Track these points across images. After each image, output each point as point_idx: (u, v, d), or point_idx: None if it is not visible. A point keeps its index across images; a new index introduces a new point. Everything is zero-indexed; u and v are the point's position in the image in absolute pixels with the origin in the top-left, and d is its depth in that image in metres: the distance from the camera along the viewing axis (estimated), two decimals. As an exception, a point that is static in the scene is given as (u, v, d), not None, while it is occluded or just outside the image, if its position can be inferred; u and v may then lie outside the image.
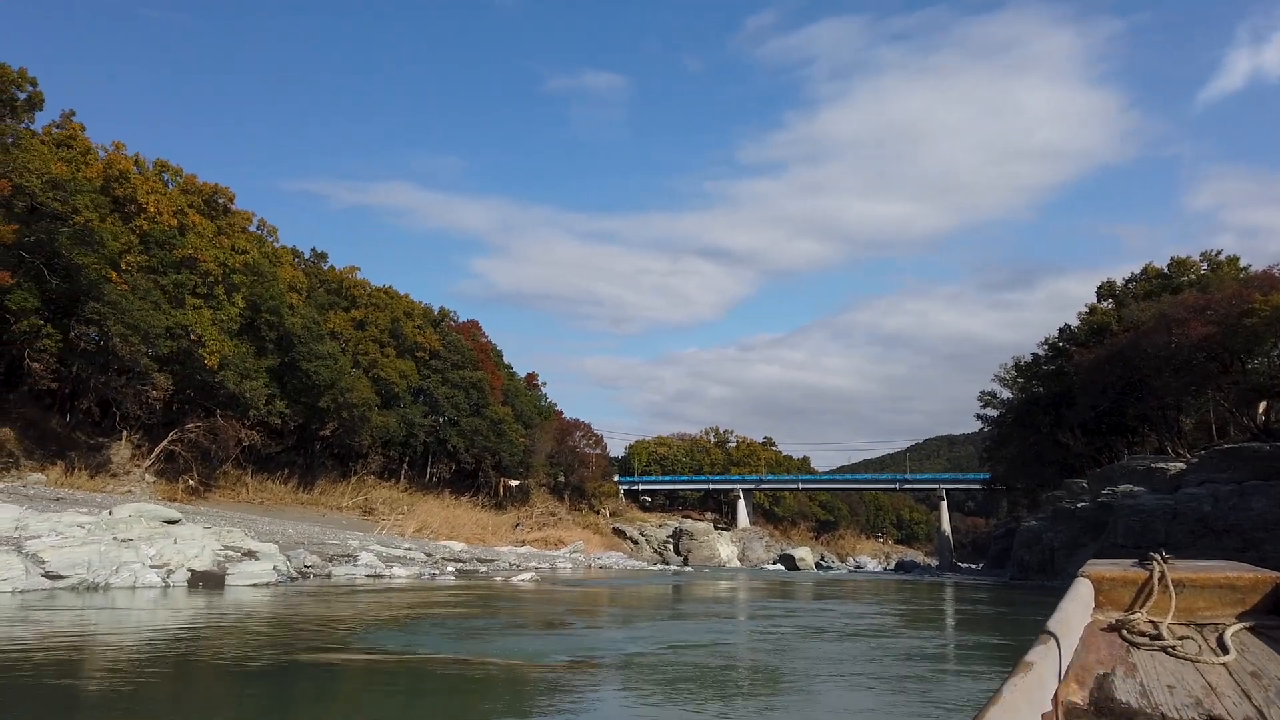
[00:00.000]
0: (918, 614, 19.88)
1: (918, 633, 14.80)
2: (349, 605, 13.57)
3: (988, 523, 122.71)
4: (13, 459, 29.08)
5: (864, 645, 12.01)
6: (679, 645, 10.97)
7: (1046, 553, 39.07)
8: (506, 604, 16.25)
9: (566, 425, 74.85)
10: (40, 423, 31.71)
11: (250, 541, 16.86)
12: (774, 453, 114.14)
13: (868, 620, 16.34)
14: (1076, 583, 2.66)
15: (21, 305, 25.23)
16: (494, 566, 27.75)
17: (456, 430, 55.95)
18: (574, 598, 19.08)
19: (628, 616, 15.55)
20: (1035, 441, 52.02)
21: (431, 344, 55.59)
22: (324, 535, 27.03)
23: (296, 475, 47.12)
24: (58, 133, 29.89)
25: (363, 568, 18.56)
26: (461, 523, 46.60)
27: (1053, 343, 55.05)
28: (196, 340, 32.69)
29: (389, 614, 12.58)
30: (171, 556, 12.91)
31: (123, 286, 28.25)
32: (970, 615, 20.21)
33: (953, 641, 14.04)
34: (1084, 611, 2.47)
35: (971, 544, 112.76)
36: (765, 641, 12.24)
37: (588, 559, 43.21)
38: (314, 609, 12.61)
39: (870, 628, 14.70)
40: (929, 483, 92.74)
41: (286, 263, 49.17)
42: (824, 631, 13.46)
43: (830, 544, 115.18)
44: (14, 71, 25.83)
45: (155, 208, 31.12)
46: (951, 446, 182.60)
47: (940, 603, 25.21)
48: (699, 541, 73.86)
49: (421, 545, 31.22)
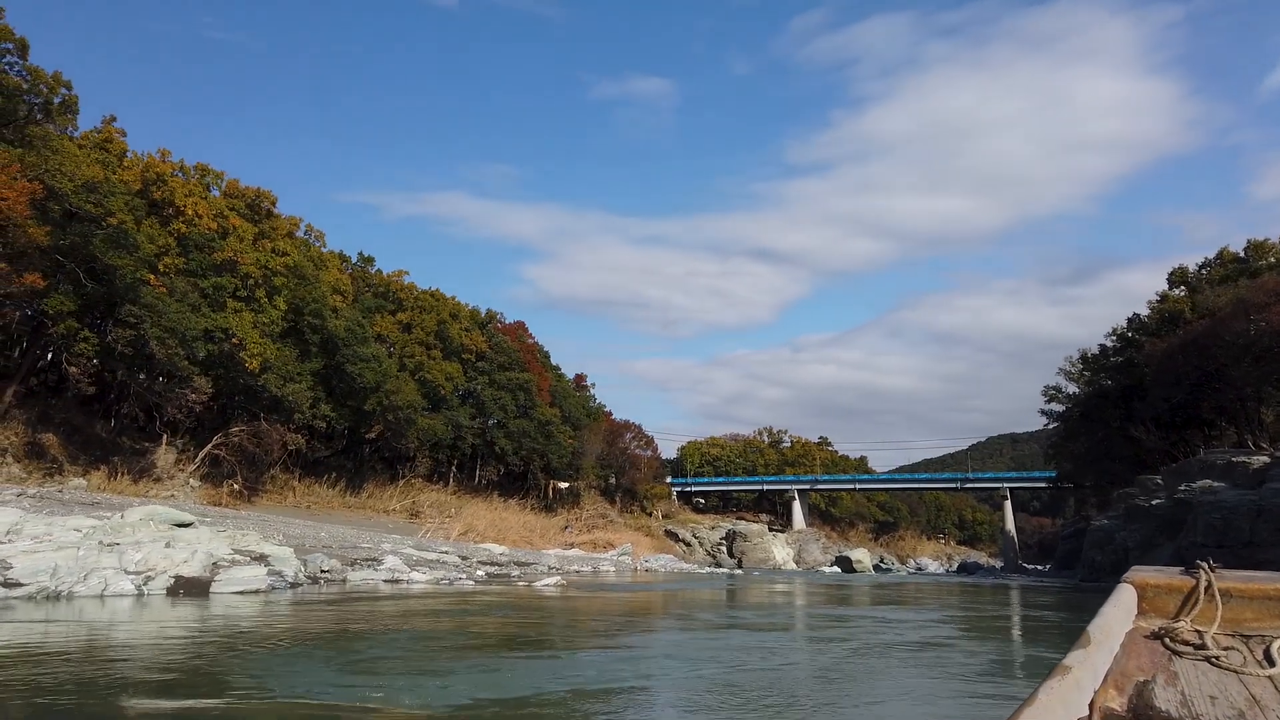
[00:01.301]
0: (980, 621, 18.45)
1: (981, 645, 13.47)
2: (315, 617, 12.02)
3: (1054, 523, 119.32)
4: (56, 464, 29.10)
5: (926, 659, 10.78)
6: (654, 679, 8.80)
7: (1120, 553, 37.26)
8: (504, 613, 14.61)
9: (616, 427, 73.94)
10: (85, 428, 31.77)
11: (266, 545, 16.19)
12: (829, 452, 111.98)
13: (929, 630, 15.02)
14: (1119, 588, 2.62)
15: (59, 309, 25.15)
16: (530, 570, 26.90)
17: (504, 432, 55.45)
18: (591, 606, 17.27)
19: (638, 629, 13.86)
20: (1104, 437, 49.79)
21: (478, 346, 55.20)
22: (358, 538, 26.46)
23: (345, 479, 47.02)
24: (95, 136, 29.92)
25: (383, 572, 17.79)
26: (508, 525, 45.96)
27: (1121, 333, 52.67)
28: (237, 343, 32.50)
29: (345, 627, 10.98)
30: (158, 562, 12.18)
31: (160, 289, 28.08)
32: (1037, 622, 18.72)
33: (1020, 656, 12.69)
34: (1126, 618, 2.44)
35: (1037, 545, 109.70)
36: (800, 665, 10.98)
37: (635, 562, 42.21)
38: (267, 621, 11.20)
39: (932, 639, 13.41)
40: (991, 481, 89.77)
41: (333, 267, 49.21)
42: (881, 647, 12.18)
43: (890, 545, 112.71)
44: (49, 75, 25.79)
45: (193, 211, 30.98)
46: (1015, 445, 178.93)
47: (1005, 608, 23.66)
48: (753, 543, 72.39)
49: (460, 548, 30.53)
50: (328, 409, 41.80)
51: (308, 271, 38.77)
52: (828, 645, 12.35)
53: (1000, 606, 23.77)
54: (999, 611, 21.67)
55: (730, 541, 74.26)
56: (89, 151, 27.16)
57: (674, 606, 18.70)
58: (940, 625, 16.28)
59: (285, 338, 38.94)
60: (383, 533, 35.38)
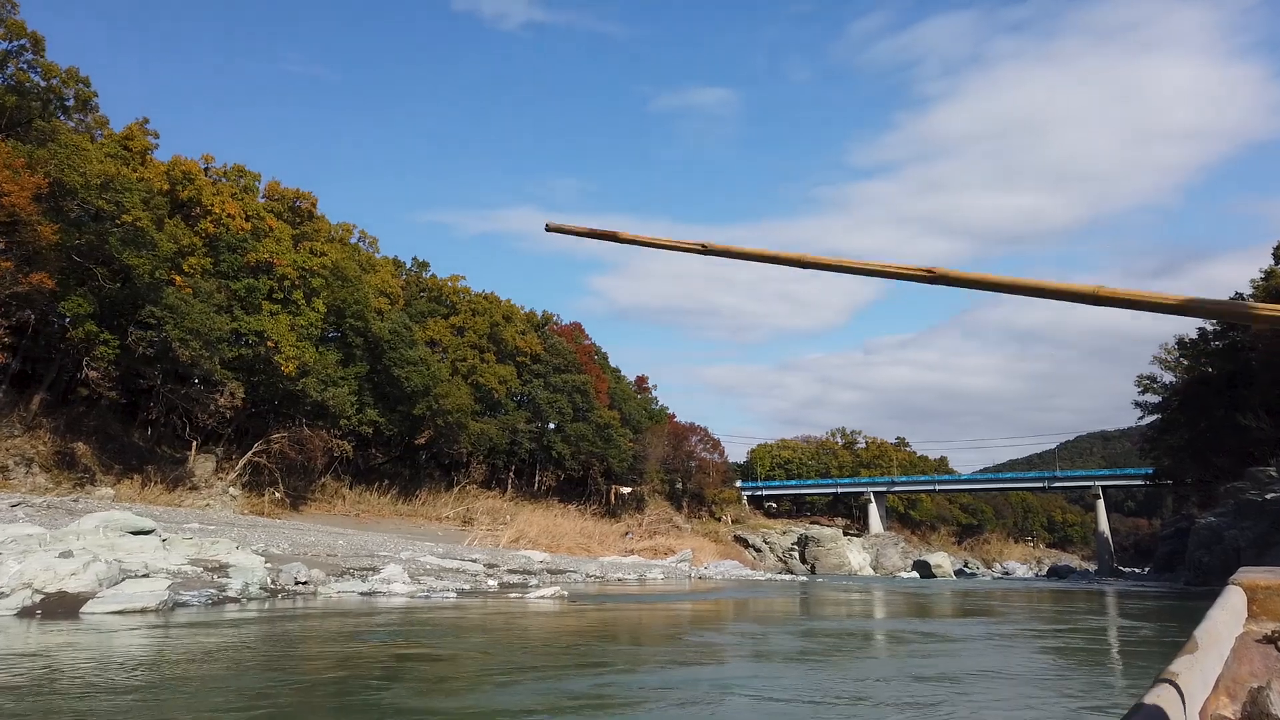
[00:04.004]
0: (1077, 635, 15.78)
1: (1086, 673, 10.99)
2: (136, 650, 8.71)
3: (1150, 524, 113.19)
4: (88, 474, 28.31)
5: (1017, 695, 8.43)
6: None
7: (1230, 553, 33.72)
8: (413, 638, 10.45)
9: (681, 429, 71.66)
10: (120, 437, 31.05)
11: (235, 555, 14.62)
12: (907, 453, 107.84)
13: (1015, 656, 12.51)
14: (1227, 590, 2.44)
15: (75, 311, 24.27)
16: (562, 578, 24.96)
17: (560, 436, 53.83)
18: (560, 626, 13.10)
19: (564, 668, 9.20)
20: (1207, 427, 45.81)
21: (533, 348, 53.74)
22: (382, 546, 24.91)
23: (397, 486, 45.96)
24: (116, 135, 29.17)
25: (373, 583, 16.00)
26: (563, 532, 44.22)
27: (1222, 314, 48.40)
28: (272, 346, 31.42)
29: (120, 671, 7.51)
30: (37, 574, 10.51)
31: (186, 290, 27.09)
32: (1144, 639, 15.96)
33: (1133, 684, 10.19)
34: (1235, 621, 2.27)
35: (1133, 546, 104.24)
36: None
37: (692, 569, 39.98)
38: (49, 658, 8.06)
39: (1023, 671, 10.94)
40: (1082, 480, 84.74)
41: (385, 271, 48.30)
42: (961, 681, 9.76)
43: (974, 549, 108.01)
44: (62, 70, 25.06)
45: (222, 210, 30.01)
46: (1106, 444, 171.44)
47: (1101, 617, 20.81)
48: (826, 548, 69.37)
49: (495, 555, 28.77)
50: (375, 414, 40.70)
51: (350, 273, 37.67)
52: (865, 673, 10.06)
53: (1098, 617, 20.90)
54: (1097, 624, 18.88)
55: (802, 547, 71.38)
56: (101, 146, 26.27)
57: (681, 626, 14.35)
58: (1033, 640, 13.77)
59: (327, 341, 37.93)
60: (428, 540, 33.92)
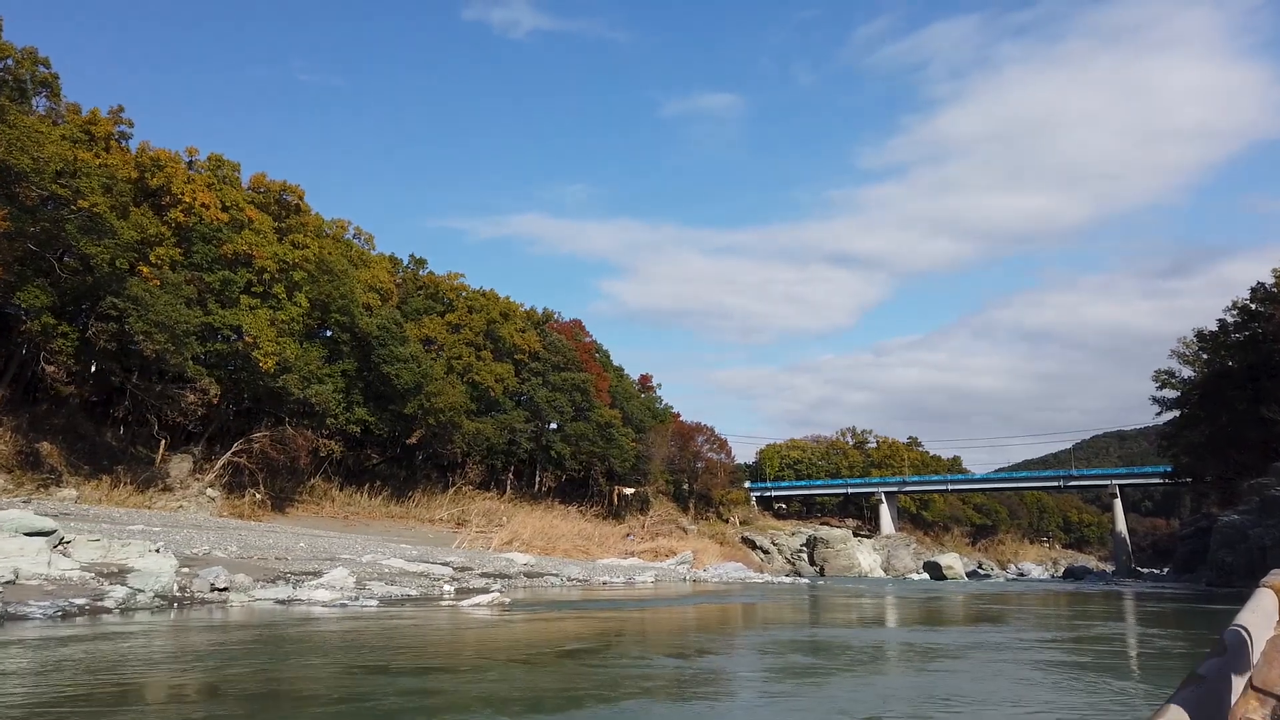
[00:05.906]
0: (1096, 642, 14.31)
1: (1107, 681, 9.55)
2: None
3: (1169, 523, 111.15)
4: (54, 474, 27.12)
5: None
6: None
7: (1255, 553, 32.11)
8: (241, 662, 8.45)
9: (686, 429, 70.19)
10: (91, 436, 29.87)
11: (144, 559, 13.28)
12: (919, 453, 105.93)
13: (1027, 664, 11.07)
14: (1258, 593, 2.45)
15: (31, 303, 23.06)
16: (541, 583, 23.56)
17: (560, 435, 52.47)
18: (445, 647, 10.39)
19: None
20: (1228, 422, 44.07)
21: (531, 346, 52.39)
22: (341, 549, 23.55)
23: (390, 488, 44.71)
24: (77, 118, 27.93)
25: (304, 590, 14.62)
26: (560, 533, 42.85)
27: (1243, 306, 46.66)
28: (250, 342, 30.18)
29: None
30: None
31: (153, 282, 25.86)
32: (1167, 646, 14.46)
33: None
34: (1266, 624, 2.27)
35: (1151, 546, 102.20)
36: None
37: (690, 571, 38.53)
38: None
39: (1041, 678, 9.51)
40: (1098, 479, 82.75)
41: (379, 268, 47.06)
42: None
43: (988, 550, 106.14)
44: (17, 50, 23.87)
45: (193, 199, 28.79)
46: (1122, 443, 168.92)
47: (1120, 622, 19.29)
48: (835, 550, 67.76)
49: (475, 558, 27.39)
50: (364, 413, 39.47)
51: (336, 267, 36.39)
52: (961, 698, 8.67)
53: (1116, 621, 19.38)
54: (1114, 631, 17.37)
55: (811, 548, 69.83)
56: (59, 130, 25.02)
57: (597, 648, 10.72)
58: (1049, 649, 12.31)
59: (312, 338, 36.70)
60: (413, 542, 32.63)
